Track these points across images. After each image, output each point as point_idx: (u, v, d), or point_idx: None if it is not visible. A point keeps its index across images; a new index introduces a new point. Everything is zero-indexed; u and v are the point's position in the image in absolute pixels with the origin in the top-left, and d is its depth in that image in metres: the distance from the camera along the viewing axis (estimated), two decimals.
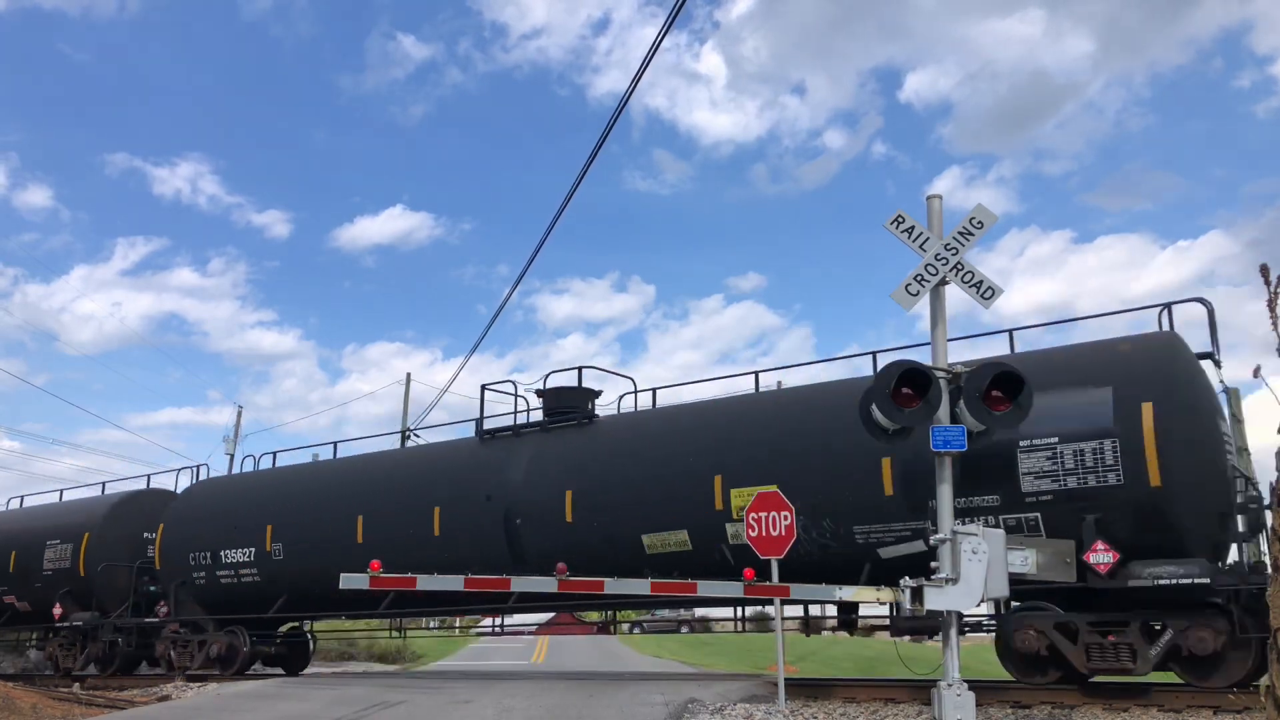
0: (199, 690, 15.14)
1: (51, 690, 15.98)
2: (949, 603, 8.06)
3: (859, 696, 10.79)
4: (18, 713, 13.27)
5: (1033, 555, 8.40)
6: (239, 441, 38.58)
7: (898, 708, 10.17)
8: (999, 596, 8.13)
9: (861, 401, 8.76)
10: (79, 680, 18.16)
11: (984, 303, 8.52)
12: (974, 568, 8.00)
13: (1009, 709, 9.73)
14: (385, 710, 10.58)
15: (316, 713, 10.91)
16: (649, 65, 10.46)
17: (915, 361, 8.50)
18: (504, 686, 12.25)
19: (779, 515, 10.56)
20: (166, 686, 16.08)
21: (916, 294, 8.62)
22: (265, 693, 13.21)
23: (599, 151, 11.60)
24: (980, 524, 8.92)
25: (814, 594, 9.49)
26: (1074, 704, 9.68)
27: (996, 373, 8.33)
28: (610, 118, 11.22)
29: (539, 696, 10.98)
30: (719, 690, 10.99)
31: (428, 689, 12.41)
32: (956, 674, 8.03)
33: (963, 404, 8.31)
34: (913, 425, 8.45)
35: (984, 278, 8.55)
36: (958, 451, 8.35)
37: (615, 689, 11.41)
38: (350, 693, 12.29)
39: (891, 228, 8.86)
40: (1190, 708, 9.27)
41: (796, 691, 10.81)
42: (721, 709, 9.93)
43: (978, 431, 8.43)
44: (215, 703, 12.57)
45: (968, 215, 8.75)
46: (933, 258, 8.61)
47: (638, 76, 10.61)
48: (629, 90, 10.88)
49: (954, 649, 8.13)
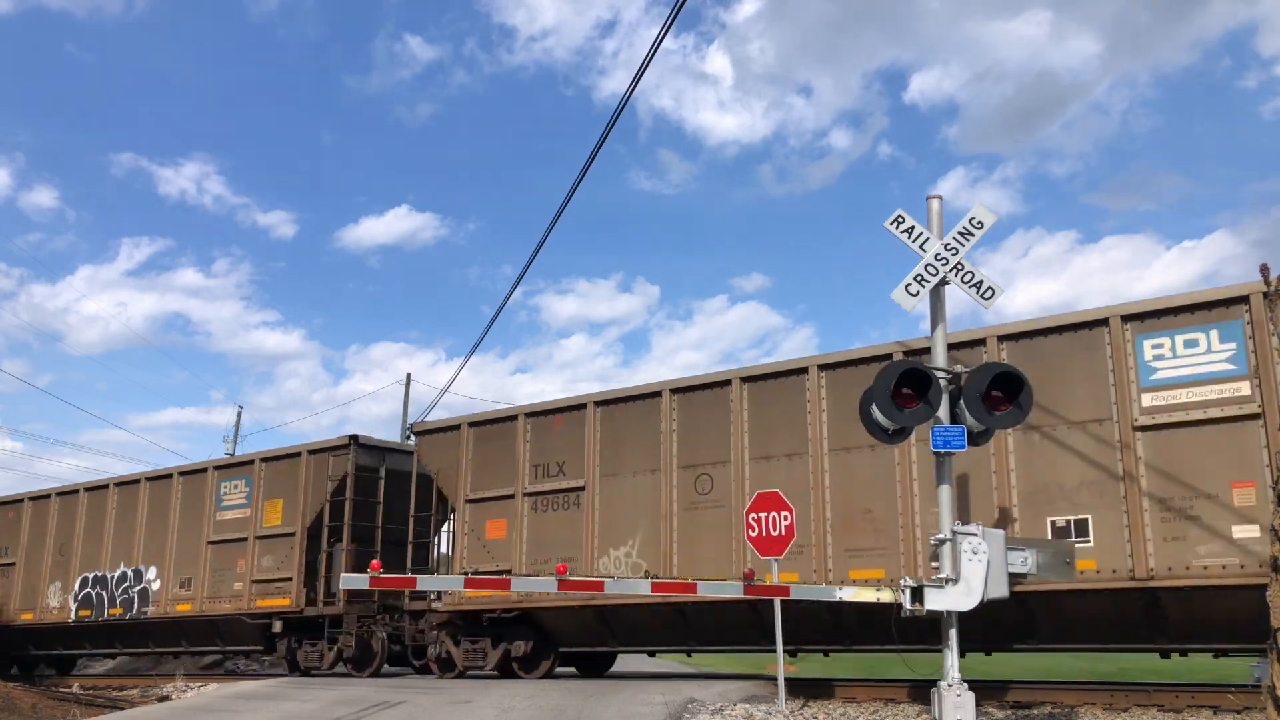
0: (199, 690, 15.14)
1: (51, 690, 15.99)
2: (949, 603, 8.06)
3: (859, 696, 10.79)
4: (18, 712, 13.27)
5: (1032, 555, 8.38)
6: (239, 441, 38.59)
7: (898, 708, 10.17)
8: (999, 596, 8.11)
9: (862, 401, 8.76)
10: (79, 680, 18.17)
11: (984, 303, 8.51)
12: (974, 568, 8.00)
13: (1009, 709, 9.73)
14: (385, 710, 10.58)
15: (316, 713, 10.91)
16: (649, 65, 10.45)
17: (916, 362, 8.50)
18: (504, 687, 12.25)
19: (779, 515, 10.57)
20: (166, 686, 16.09)
21: (916, 294, 8.61)
22: (265, 693, 13.21)
23: (600, 150, 11.57)
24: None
25: (814, 594, 9.48)
26: (1074, 704, 9.68)
27: (996, 373, 8.33)
28: (611, 116, 11.21)
29: (539, 697, 10.98)
30: (719, 690, 10.99)
31: (428, 689, 12.41)
32: (956, 674, 8.03)
33: (963, 404, 8.31)
34: (912, 425, 8.45)
35: (984, 278, 8.55)
36: (958, 451, 8.35)
37: (615, 689, 11.41)
38: (350, 693, 12.29)
39: (891, 227, 8.85)
40: (1190, 708, 9.28)
41: (796, 691, 10.81)
42: (721, 709, 9.93)
43: (978, 431, 8.43)
44: (215, 703, 12.57)
45: (968, 215, 8.75)
46: (933, 258, 8.61)
47: (638, 75, 10.59)
48: (630, 89, 10.87)
49: (954, 649, 8.12)
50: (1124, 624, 10.11)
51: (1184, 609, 9.67)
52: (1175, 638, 10.04)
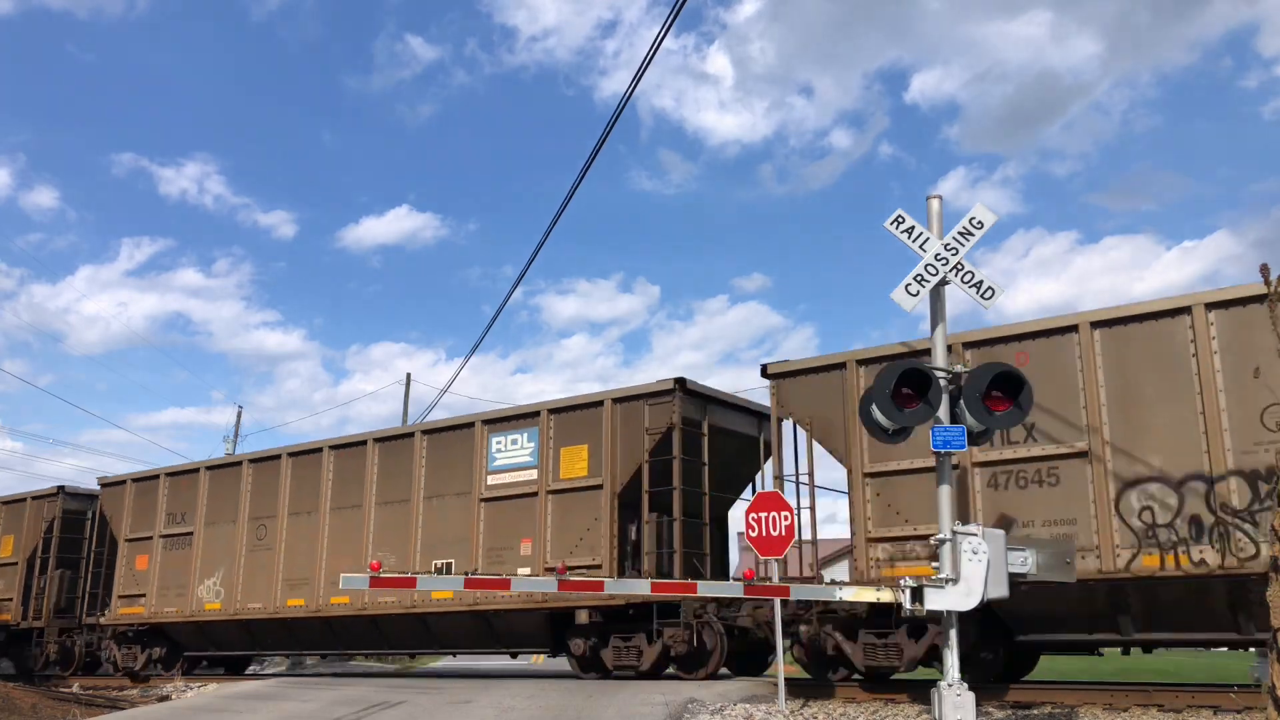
0: (199, 690, 15.14)
1: (51, 690, 15.98)
2: (949, 603, 8.05)
3: (859, 696, 10.78)
4: (18, 712, 13.27)
5: (1032, 555, 8.37)
6: (239, 441, 38.62)
7: (897, 708, 10.16)
8: (998, 596, 8.11)
9: (862, 401, 8.75)
10: (79, 680, 18.17)
11: (984, 303, 8.51)
12: (974, 568, 7.99)
13: (1009, 709, 9.73)
14: (385, 710, 10.58)
15: (316, 713, 10.91)
16: (650, 65, 10.46)
17: (916, 362, 8.50)
18: (504, 687, 12.24)
19: (779, 515, 10.57)
20: (166, 686, 16.08)
21: (916, 294, 8.60)
22: (265, 693, 13.21)
23: (601, 149, 11.59)
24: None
25: (814, 594, 9.48)
26: (1074, 704, 9.67)
27: (996, 373, 8.33)
28: (612, 116, 11.22)
29: (539, 696, 10.97)
30: (719, 690, 10.98)
31: (427, 689, 12.40)
32: (956, 674, 8.02)
33: (963, 404, 8.31)
34: (912, 425, 8.45)
35: (984, 278, 8.54)
36: (958, 451, 8.35)
37: (615, 689, 11.41)
38: (350, 693, 12.29)
39: (891, 227, 8.84)
40: (1190, 708, 9.27)
41: (796, 691, 10.80)
42: (721, 709, 9.93)
43: (978, 431, 8.43)
44: (215, 703, 12.58)
45: (968, 215, 8.74)
46: (933, 258, 8.60)
47: (639, 75, 10.61)
48: (630, 88, 10.88)
49: (954, 649, 8.12)
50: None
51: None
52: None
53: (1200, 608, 9.62)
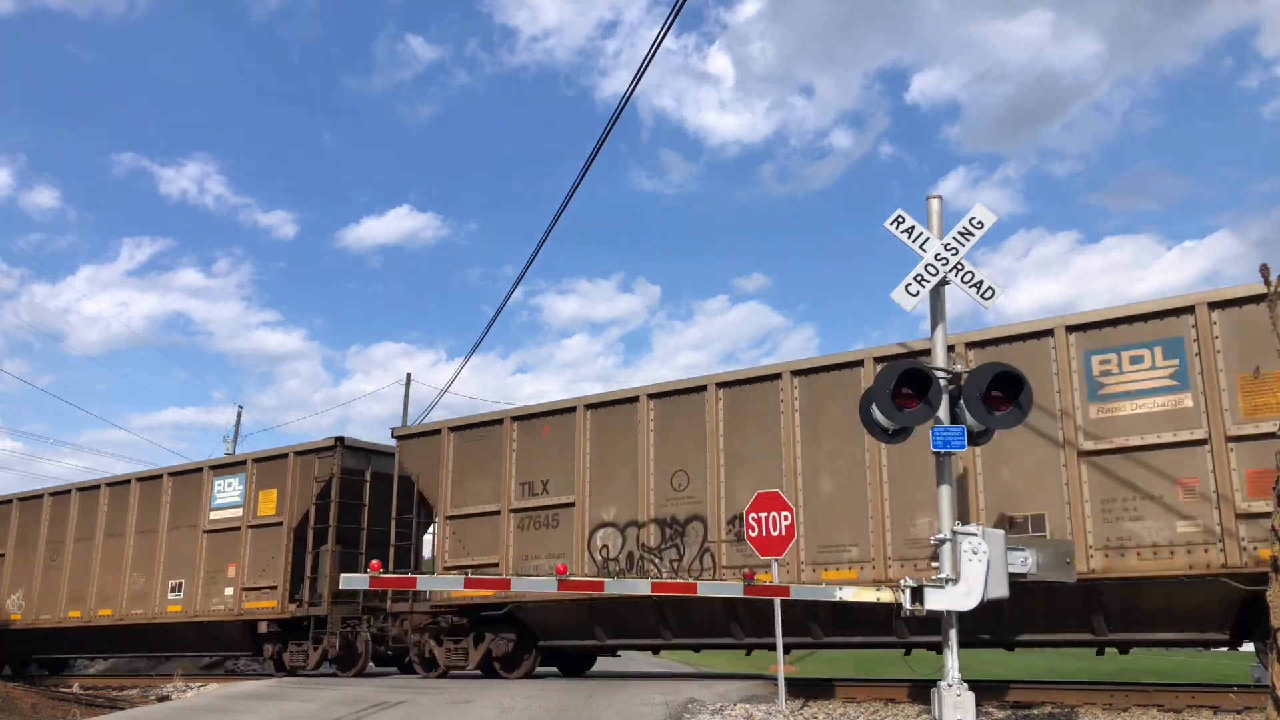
0: (199, 690, 15.14)
1: (51, 690, 15.98)
2: (949, 603, 8.05)
3: (859, 696, 10.79)
4: (18, 712, 13.28)
5: (1032, 555, 8.37)
6: (240, 441, 38.64)
7: (898, 708, 10.17)
8: (999, 596, 8.11)
9: (862, 401, 8.75)
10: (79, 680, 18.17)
11: (984, 303, 8.51)
12: (974, 568, 7.99)
13: (1009, 709, 9.73)
14: (385, 710, 10.58)
15: (317, 713, 10.91)
16: (650, 65, 10.45)
17: (916, 362, 8.50)
18: (504, 687, 12.25)
19: (779, 515, 10.57)
20: (166, 686, 16.08)
21: (916, 294, 8.60)
22: (265, 693, 13.21)
23: (601, 149, 11.56)
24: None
25: (814, 594, 9.48)
26: (1074, 704, 9.68)
27: (996, 373, 8.32)
28: (612, 115, 11.20)
29: (539, 696, 10.98)
30: (719, 690, 10.99)
31: (428, 689, 12.40)
32: (956, 674, 8.02)
33: (963, 404, 8.30)
34: (913, 425, 8.45)
35: (984, 277, 8.54)
36: (958, 451, 8.35)
37: (615, 689, 11.41)
38: (350, 693, 12.29)
39: (891, 227, 8.84)
40: (1190, 708, 9.28)
41: (796, 691, 10.81)
42: (721, 709, 9.93)
43: (978, 431, 8.43)
44: (215, 703, 12.58)
45: (968, 215, 8.74)
46: (933, 258, 8.60)
47: (639, 75, 10.59)
48: (630, 88, 10.86)
49: (954, 649, 8.12)
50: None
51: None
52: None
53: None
